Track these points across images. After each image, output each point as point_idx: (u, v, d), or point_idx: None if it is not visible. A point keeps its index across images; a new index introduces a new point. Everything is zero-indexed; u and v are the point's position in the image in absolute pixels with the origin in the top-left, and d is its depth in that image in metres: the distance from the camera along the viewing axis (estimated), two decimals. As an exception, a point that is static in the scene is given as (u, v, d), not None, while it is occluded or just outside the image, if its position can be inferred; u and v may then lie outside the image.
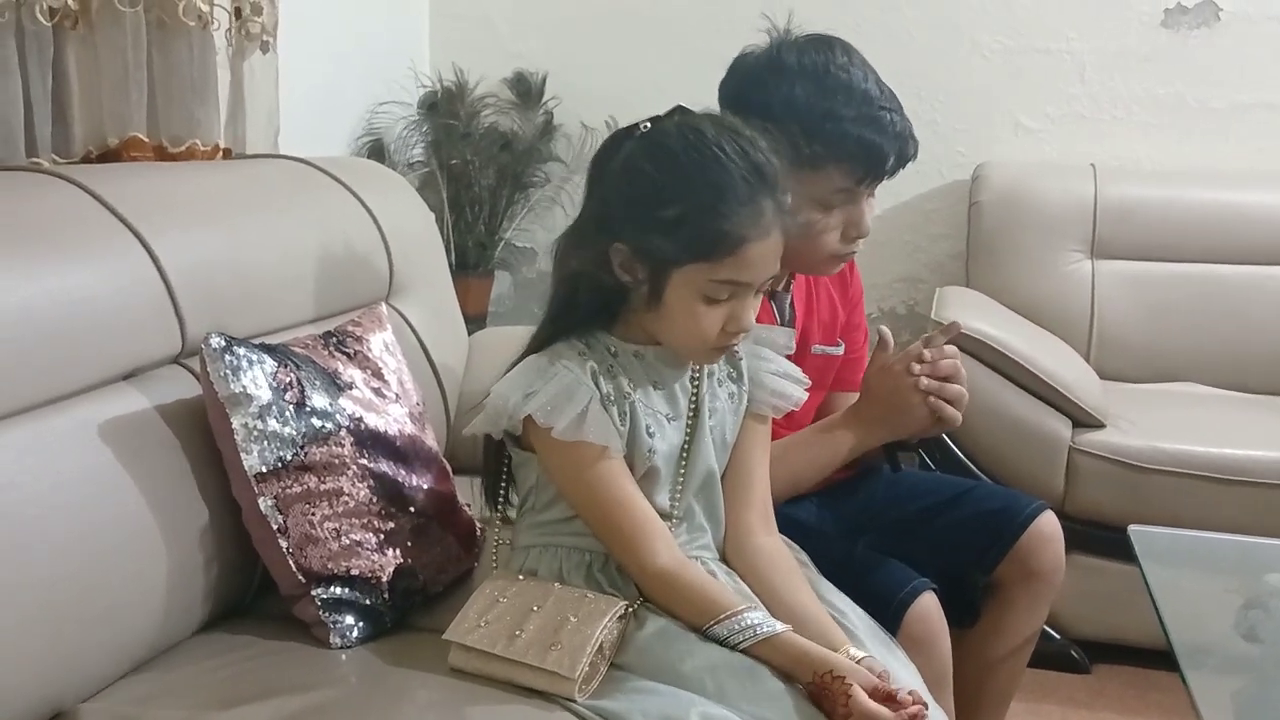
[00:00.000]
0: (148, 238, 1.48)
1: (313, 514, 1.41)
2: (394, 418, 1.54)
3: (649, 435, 1.38)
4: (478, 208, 3.24)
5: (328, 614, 1.40)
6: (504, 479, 1.46)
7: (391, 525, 1.47)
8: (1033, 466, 2.45)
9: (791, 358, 1.54)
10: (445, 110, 3.22)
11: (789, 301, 1.77)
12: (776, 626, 1.28)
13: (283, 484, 1.40)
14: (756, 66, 1.64)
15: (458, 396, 2.06)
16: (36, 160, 1.73)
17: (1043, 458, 2.46)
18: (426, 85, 3.29)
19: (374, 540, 1.45)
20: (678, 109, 1.38)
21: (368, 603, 1.42)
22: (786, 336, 1.54)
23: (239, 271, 1.61)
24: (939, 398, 1.61)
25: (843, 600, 1.50)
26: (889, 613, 1.56)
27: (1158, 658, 1.68)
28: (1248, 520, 2.21)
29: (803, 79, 1.59)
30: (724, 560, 1.45)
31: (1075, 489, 2.46)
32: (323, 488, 1.42)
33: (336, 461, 1.44)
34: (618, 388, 1.38)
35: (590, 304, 1.40)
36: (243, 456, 1.38)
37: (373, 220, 1.94)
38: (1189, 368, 2.86)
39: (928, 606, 1.60)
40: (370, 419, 1.50)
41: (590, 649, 1.24)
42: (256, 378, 1.40)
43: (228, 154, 2.02)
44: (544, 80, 3.30)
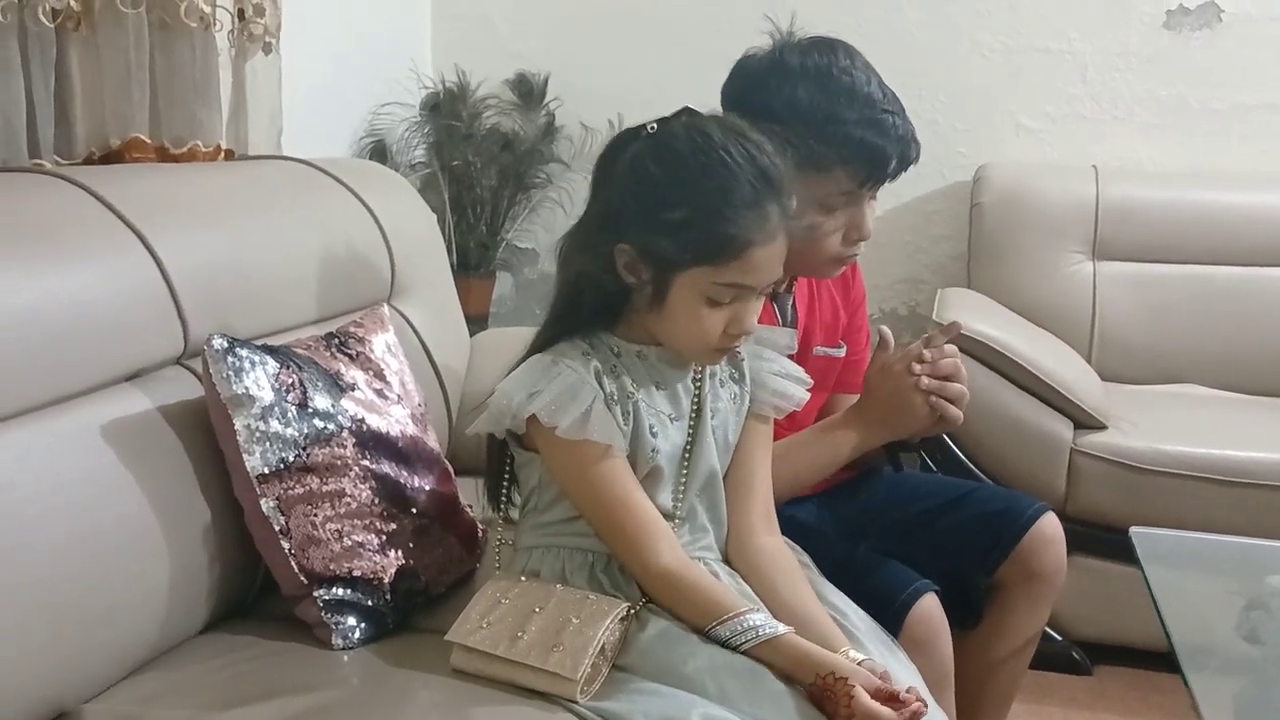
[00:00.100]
0: (150, 239, 1.48)
1: (315, 515, 1.41)
2: (396, 419, 1.54)
3: (652, 435, 1.38)
4: (479, 209, 3.24)
5: (330, 615, 1.40)
6: (506, 479, 1.46)
7: (393, 526, 1.47)
8: (1034, 468, 2.45)
9: (793, 359, 1.54)
10: (447, 111, 3.22)
11: (791, 303, 1.77)
12: (778, 628, 1.28)
13: (285, 485, 1.40)
14: (759, 68, 1.64)
15: (459, 398, 2.06)
16: (39, 161, 1.73)
17: (1044, 459, 2.46)
18: (428, 86, 3.29)
19: (376, 541, 1.45)
20: (685, 110, 1.38)
21: (370, 604, 1.43)
22: (788, 337, 1.54)
23: (241, 273, 1.61)
24: (940, 397, 1.61)
25: (844, 601, 1.50)
26: (890, 614, 1.56)
27: (1159, 659, 1.68)
28: (1249, 522, 2.20)
29: (805, 81, 1.59)
30: (726, 560, 1.45)
31: (1077, 490, 2.45)
32: (325, 489, 1.42)
33: (339, 463, 1.44)
34: (621, 387, 1.38)
35: (594, 304, 1.40)
36: (245, 457, 1.38)
37: (374, 221, 1.94)
38: (1190, 369, 2.86)
39: (929, 608, 1.60)
40: (372, 420, 1.50)
41: (592, 650, 1.24)
42: (259, 379, 1.40)
43: (229, 155, 2.02)
44: (546, 81, 3.30)
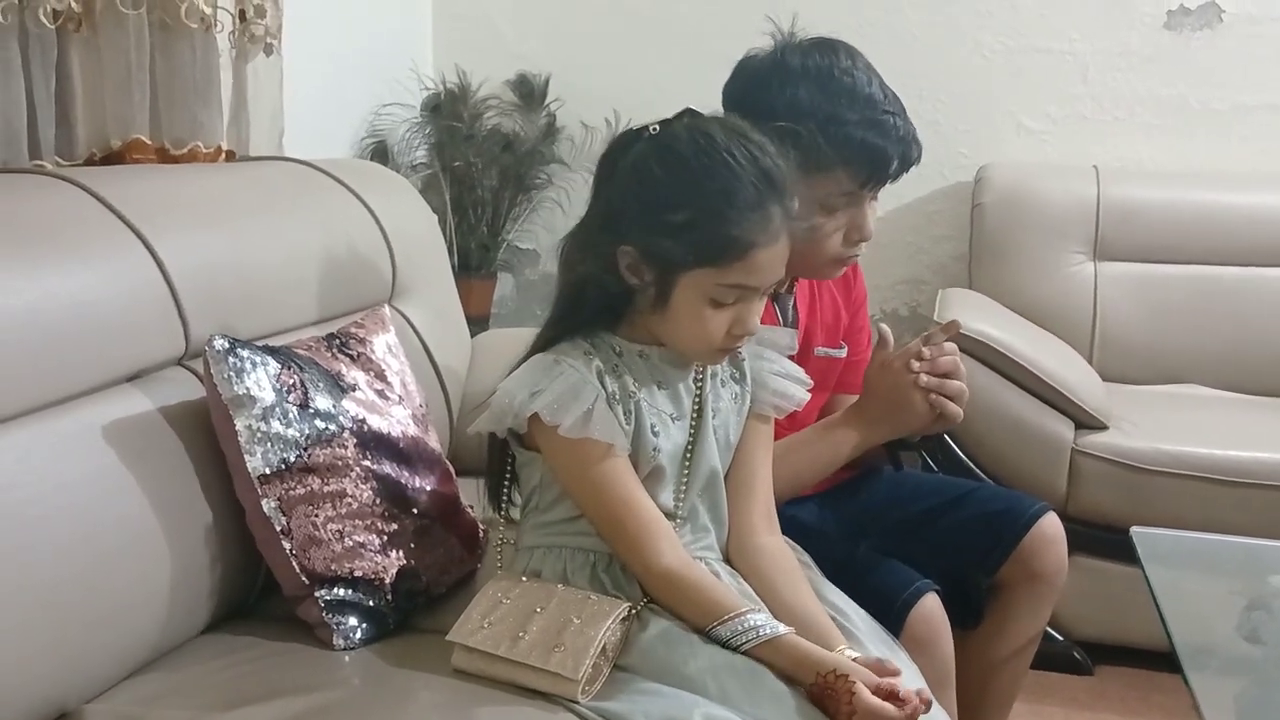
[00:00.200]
0: (151, 240, 1.48)
1: (316, 515, 1.41)
2: (397, 419, 1.54)
3: (654, 434, 1.38)
4: (480, 209, 3.24)
5: (331, 615, 1.40)
6: (507, 479, 1.46)
7: (394, 527, 1.47)
8: (1035, 468, 2.45)
9: (794, 359, 1.54)
10: (448, 112, 3.22)
11: (792, 304, 1.77)
12: (779, 629, 1.28)
13: (286, 485, 1.40)
14: (761, 69, 1.64)
15: (460, 398, 2.06)
16: (40, 162, 1.73)
17: (1045, 459, 2.46)
18: (429, 87, 3.29)
19: (377, 542, 1.45)
20: (687, 112, 1.38)
21: (371, 604, 1.43)
22: (789, 337, 1.54)
23: (242, 274, 1.62)
24: (939, 394, 1.61)
25: (845, 601, 1.50)
26: (892, 613, 1.56)
27: (1160, 659, 1.68)
28: (1250, 522, 2.20)
29: (806, 82, 1.59)
30: (727, 560, 1.45)
31: (1078, 490, 2.45)
32: (326, 489, 1.42)
33: (340, 463, 1.44)
34: (623, 387, 1.38)
35: (595, 304, 1.40)
36: (246, 458, 1.38)
37: (375, 222, 1.95)
38: (1192, 369, 2.86)
39: (930, 607, 1.60)
40: (373, 421, 1.50)
41: (593, 651, 1.24)
42: (260, 380, 1.40)
43: (230, 156, 2.02)
44: (547, 82, 3.30)
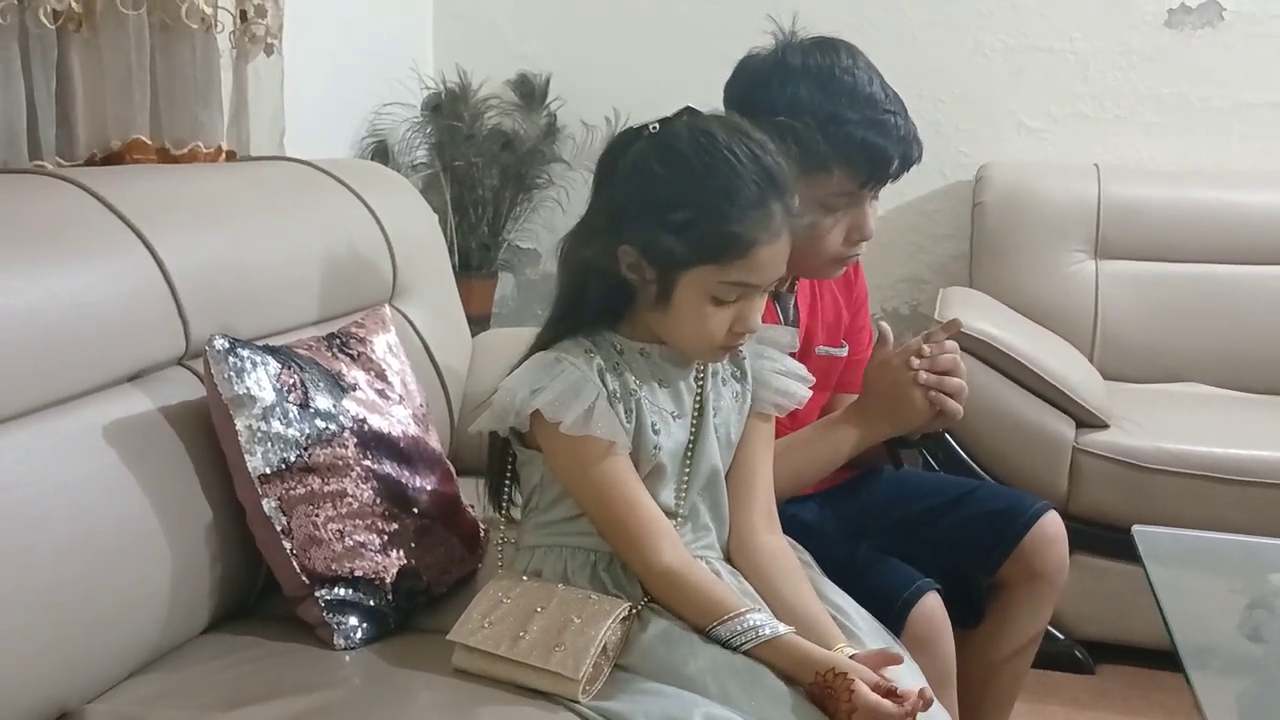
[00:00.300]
0: (151, 240, 1.48)
1: (316, 515, 1.41)
2: (397, 419, 1.54)
3: (654, 433, 1.38)
4: (481, 209, 3.24)
5: (331, 615, 1.40)
6: (508, 478, 1.46)
7: (395, 526, 1.47)
8: (1036, 467, 2.45)
9: (795, 359, 1.54)
10: (449, 112, 3.22)
11: (793, 303, 1.77)
12: (779, 628, 1.28)
13: (286, 485, 1.40)
14: (762, 68, 1.64)
15: (461, 398, 2.06)
16: (40, 163, 1.73)
17: (1046, 458, 2.46)
18: (430, 87, 3.29)
19: (378, 541, 1.45)
20: (687, 110, 1.38)
21: (371, 604, 1.43)
22: (790, 336, 1.54)
23: (242, 273, 1.62)
24: (939, 391, 1.61)
25: (846, 600, 1.50)
26: (893, 613, 1.56)
27: (1162, 658, 1.68)
28: (1252, 520, 2.20)
29: (807, 81, 1.59)
30: (727, 559, 1.45)
31: (1079, 489, 2.45)
32: (326, 489, 1.42)
33: (340, 463, 1.44)
34: (624, 385, 1.38)
35: (596, 302, 1.40)
36: (246, 458, 1.38)
37: (376, 222, 1.95)
38: (1193, 368, 2.86)
39: (931, 607, 1.60)
40: (374, 420, 1.50)
41: (594, 650, 1.24)
42: (260, 379, 1.40)
43: (231, 156, 2.02)
44: (547, 81, 3.30)
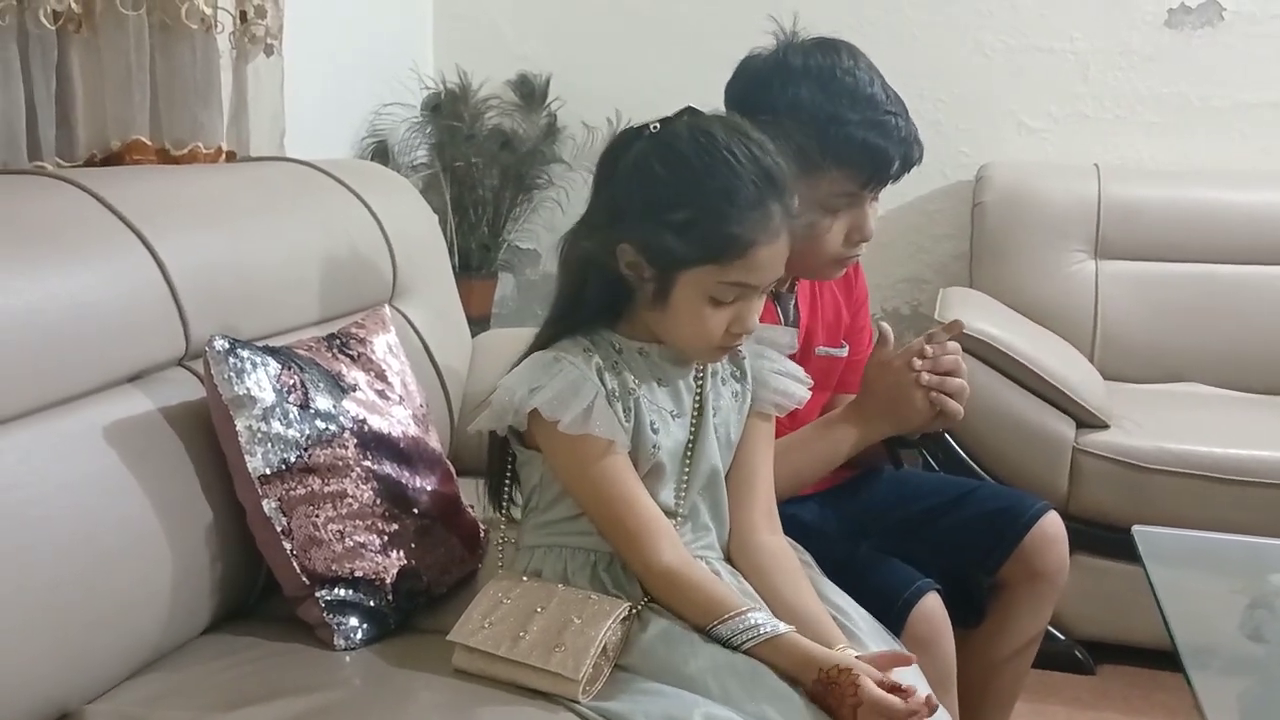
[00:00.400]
0: (151, 240, 1.48)
1: (316, 516, 1.41)
2: (397, 420, 1.54)
3: (653, 431, 1.38)
4: (481, 210, 3.24)
5: (332, 616, 1.40)
6: (508, 478, 1.46)
7: (395, 527, 1.47)
8: (1036, 467, 2.45)
9: (796, 359, 1.54)
10: (448, 112, 3.22)
11: (793, 303, 1.77)
12: (779, 627, 1.28)
13: (286, 486, 1.40)
14: (763, 69, 1.64)
15: (461, 398, 2.06)
16: (40, 163, 1.73)
17: (1046, 458, 2.46)
18: (430, 87, 3.29)
19: (378, 542, 1.45)
20: (687, 110, 1.38)
21: (371, 604, 1.43)
22: (789, 336, 1.54)
23: (242, 274, 1.62)
24: (940, 392, 1.61)
25: (846, 600, 1.50)
26: (893, 613, 1.56)
27: (1162, 658, 1.68)
28: (1252, 520, 2.20)
29: (808, 82, 1.59)
30: (728, 559, 1.45)
31: (1079, 489, 2.45)
32: (326, 490, 1.42)
33: (340, 463, 1.44)
34: (622, 384, 1.38)
35: (595, 301, 1.40)
36: (247, 458, 1.38)
37: (376, 222, 1.94)
38: (1193, 368, 2.86)
39: (932, 607, 1.60)
40: (374, 421, 1.50)
41: (594, 650, 1.24)
42: (260, 380, 1.40)
43: (231, 156, 2.02)
44: (547, 82, 3.30)
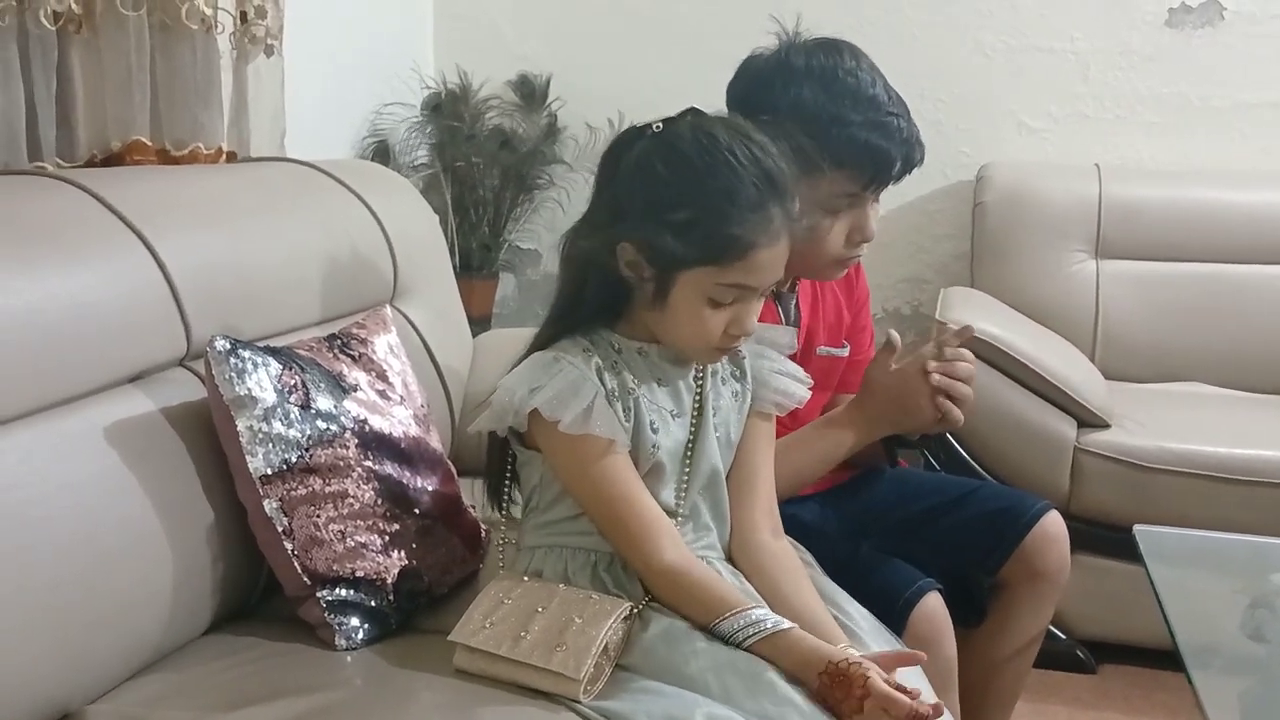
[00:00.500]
0: (152, 241, 1.48)
1: (318, 516, 1.41)
2: (399, 420, 1.54)
3: (653, 431, 1.38)
4: (482, 210, 3.24)
5: (333, 616, 1.40)
6: (507, 478, 1.46)
7: (396, 527, 1.47)
8: (1038, 466, 2.45)
9: (797, 359, 1.54)
10: (449, 112, 3.22)
11: (794, 303, 1.77)
12: (782, 623, 1.28)
13: (288, 486, 1.40)
14: (765, 69, 1.64)
15: (462, 398, 2.06)
16: (40, 164, 1.73)
17: (1048, 458, 2.46)
18: (430, 87, 3.29)
19: (379, 542, 1.45)
20: (691, 111, 1.38)
21: (373, 604, 1.43)
22: (789, 336, 1.54)
23: (243, 274, 1.61)
24: (948, 396, 1.61)
25: (847, 600, 1.50)
26: (894, 613, 1.56)
27: (1164, 658, 1.68)
28: (1254, 520, 2.20)
29: (810, 82, 1.59)
30: (729, 559, 1.45)
31: (1080, 489, 2.45)
32: (328, 490, 1.42)
33: (341, 464, 1.44)
34: (622, 384, 1.38)
35: (595, 301, 1.40)
36: (248, 459, 1.38)
37: (377, 223, 1.94)
38: (1194, 367, 2.86)
39: (933, 606, 1.61)
40: (375, 421, 1.50)
41: (595, 650, 1.24)
42: (261, 380, 1.40)
43: (231, 157, 2.02)
44: (548, 82, 3.30)
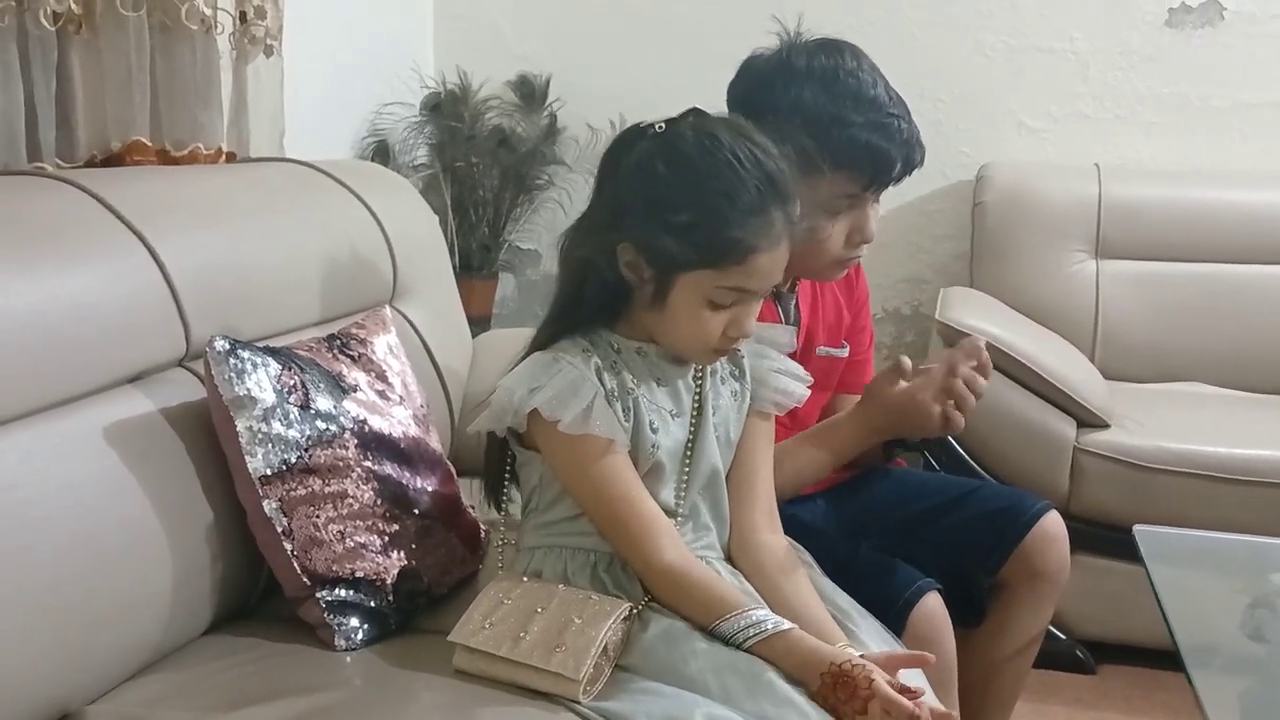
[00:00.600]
0: (152, 241, 1.48)
1: (317, 516, 1.41)
2: (398, 420, 1.54)
3: (652, 431, 1.38)
4: (481, 210, 3.24)
5: (332, 616, 1.40)
6: (506, 478, 1.46)
7: (396, 527, 1.47)
8: (1038, 466, 2.45)
9: (797, 359, 1.54)
10: (449, 112, 3.22)
11: (794, 303, 1.77)
12: (782, 624, 1.28)
13: (287, 486, 1.40)
14: (766, 69, 1.64)
15: (462, 399, 2.06)
16: (40, 164, 1.73)
17: (1048, 458, 2.46)
18: (430, 87, 3.29)
19: (378, 542, 1.45)
20: (693, 111, 1.38)
21: (372, 605, 1.43)
22: (788, 335, 1.54)
23: (243, 275, 1.61)
24: (958, 404, 1.60)
25: (846, 601, 1.50)
26: (893, 613, 1.56)
27: (1163, 658, 1.68)
28: (1253, 520, 2.20)
29: (812, 83, 1.59)
30: (728, 559, 1.45)
31: (1080, 489, 2.45)
32: (327, 490, 1.42)
33: (341, 464, 1.44)
34: (621, 383, 1.38)
35: (594, 300, 1.40)
36: (247, 459, 1.38)
37: (376, 223, 1.94)
38: (1194, 367, 2.86)
39: (932, 607, 1.60)
40: (374, 421, 1.50)
41: (595, 650, 1.24)
42: (261, 380, 1.40)
43: (231, 157, 2.02)
44: (548, 82, 3.30)
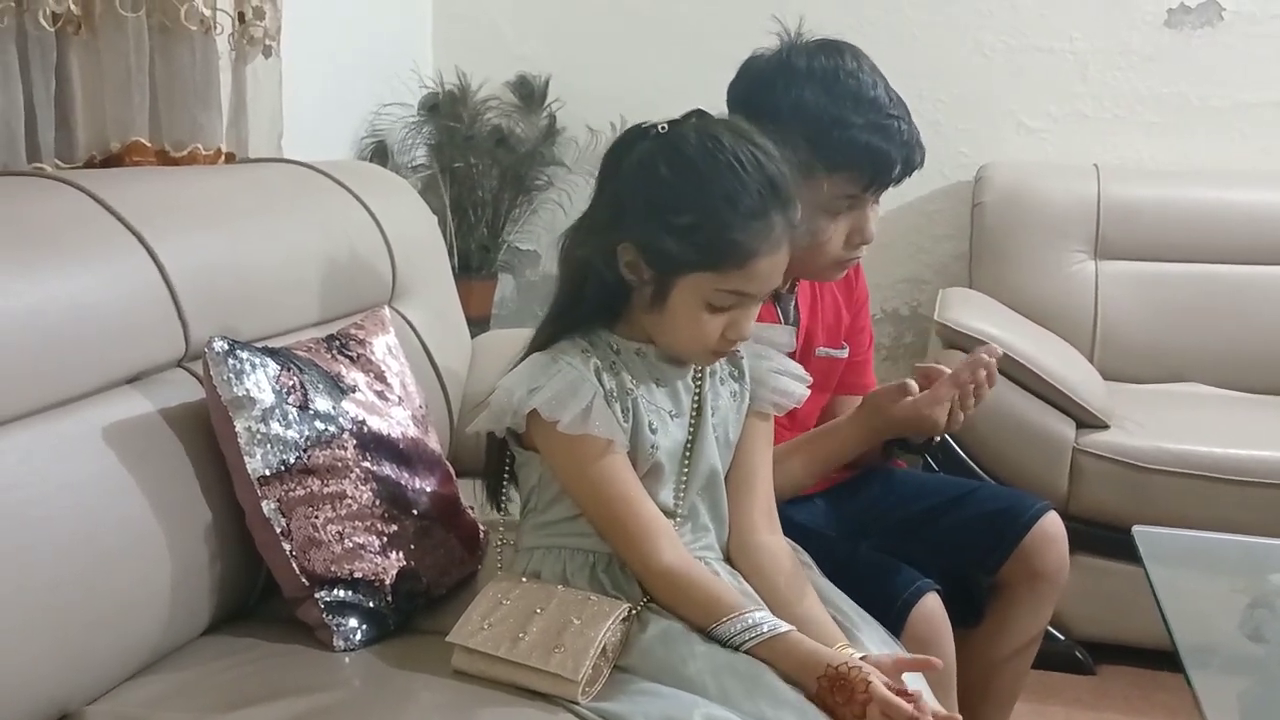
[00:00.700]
0: (151, 242, 1.48)
1: (316, 517, 1.41)
2: (397, 420, 1.54)
3: (651, 431, 1.38)
4: (480, 210, 3.24)
5: (331, 617, 1.40)
6: (505, 479, 1.46)
7: (395, 528, 1.47)
8: (1037, 467, 2.45)
9: (796, 360, 1.54)
10: (448, 112, 3.22)
11: (793, 304, 1.77)
12: (780, 626, 1.28)
13: (286, 487, 1.40)
14: (766, 70, 1.64)
15: (461, 399, 2.06)
16: (39, 165, 1.73)
17: (1047, 458, 2.46)
18: (429, 87, 3.29)
19: (377, 543, 1.45)
20: (696, 113, 1.38)
21: (371, 605, 1.43)
22: (787, 335, 1.54)
23: (242, 275, 1.62)
24: (962, 402, 1.61)
25: (845, 601, 1.50)
26: (892, 613, 1.56)
27: (1162, 658, 1.68)
28: (1252, 520, 2.20)
29: (812, 84, 1.59)
30: (727, 560, 1.45)
31: (1079, 489, 2.45)
32: (326, 491, 1.42)
33: (339, 464, 1.44)
34: (620, 384, 1.38)
35: (593, 301, 1.40)
36: (246, 460, 1.38)
37: (375, 223, 1.94)
38: (1193, 368, 2.86)
39: (931, 607, 1.60)
40: (373, 422, 1.50)
41: (593, 651, 1.24)
42: (260, 381, 1.40)
43: (230, 158, 2.02)
44: (547, 83, 3.30)
